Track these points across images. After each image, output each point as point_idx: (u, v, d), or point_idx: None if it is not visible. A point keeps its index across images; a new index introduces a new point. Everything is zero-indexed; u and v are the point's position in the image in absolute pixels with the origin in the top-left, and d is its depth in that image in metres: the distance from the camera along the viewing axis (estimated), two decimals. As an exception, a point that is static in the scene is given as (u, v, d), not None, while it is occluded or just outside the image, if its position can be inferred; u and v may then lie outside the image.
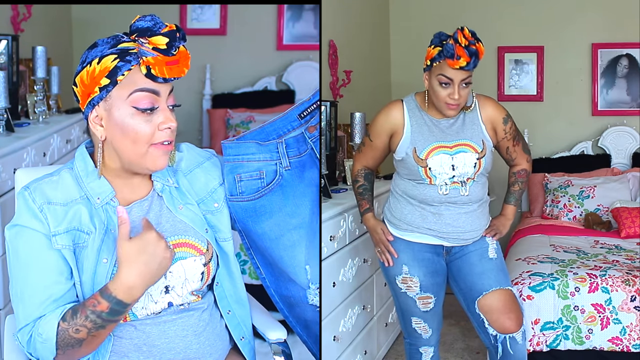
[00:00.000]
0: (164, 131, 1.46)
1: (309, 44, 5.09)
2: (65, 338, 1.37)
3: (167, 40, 1.41)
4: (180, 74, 1.44)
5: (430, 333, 2.39)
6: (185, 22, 5.22)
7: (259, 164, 1.63)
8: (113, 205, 1.50)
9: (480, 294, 2.31)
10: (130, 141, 1.45)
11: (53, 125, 3.42)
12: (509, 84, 4.95)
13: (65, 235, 1.45)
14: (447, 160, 2.21)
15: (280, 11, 5.18)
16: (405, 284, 2.30)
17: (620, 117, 4.75)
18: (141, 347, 1.49)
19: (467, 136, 2.24)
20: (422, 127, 2.25)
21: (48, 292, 1.42)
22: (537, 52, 4.87)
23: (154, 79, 1.42)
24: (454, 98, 2.15)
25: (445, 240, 2.30)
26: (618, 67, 4.78)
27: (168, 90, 1.47)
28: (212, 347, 1.58)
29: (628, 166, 4.64)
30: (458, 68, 2.11)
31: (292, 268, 1.61)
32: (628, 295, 2.84)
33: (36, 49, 3.43)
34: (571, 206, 4.34)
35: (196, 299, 1.56)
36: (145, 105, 1.43)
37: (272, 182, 1.63)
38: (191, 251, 1.54)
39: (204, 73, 5.18)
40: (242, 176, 1.62)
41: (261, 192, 1.62)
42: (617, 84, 4.80)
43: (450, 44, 2.10)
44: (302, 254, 1.60)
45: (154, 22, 1.42)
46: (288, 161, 1.63)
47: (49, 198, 1.46)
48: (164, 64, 1.41)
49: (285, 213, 1.62)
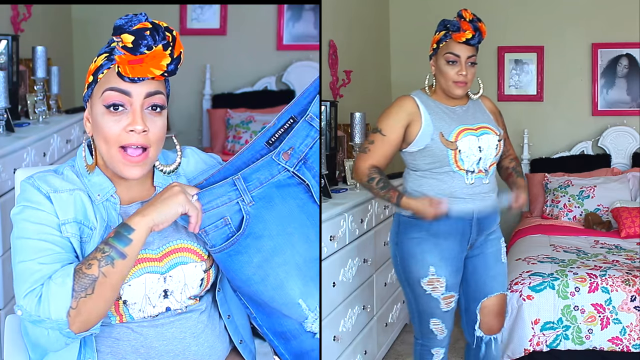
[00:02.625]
0: (129, 133, 1.41)
1: (309, 44, 5.09)
2: (80, 277, 1.33)
3: (133, 39, 1.38)
4: (146, 74, 1.40)
5: (445, 334, 2.37)
6: (185, 22, 5.23)
7: (220, 210, 1.49)
8: (113, 202, 1.49)
9: (486, 296, 2.37)
10: (103, 141, 1.43)
11: (53, 125, 3.42)
12: (509, 84, 4.95)
13: (74, 224, 1.44)
14: (474, 142, 2.24)
15: (280, 11, 5.18)
16: (431, 285, 2.27)
17: (620, 117, 4.75)
18: (139, 349, 1.48)
19: (484, 120, 2.32)
20: (440, 113, 2.27)
21: (60, 257, 1.39)
22: (537, 52, 4.87)
23: (122, 78, 1.40)
24: (462, 74, 2.22)
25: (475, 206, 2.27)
26: (618, 67, 4.78)
27: (144, 92, 1.42)
28: (211, 349, 1.57)
29: (628, 166, 4.64)
30: (464, 41, 2.21)
31: (286, 306, 1.50)
32: (628, 295, 2.84)
33: (36, 49, 3.43)
34: (571, 206, 4.34)
35: (194, 302, 1.55)
36: (109, 102, 1.41)
37: (239, 225, 1.49)
38: (192, 257, 1.53)
39: (204, 73, 5.18)
40: (207, 230, 1.49)
41: (232, 240, 1.49)
42: (617, 84, 4.79)
43: (455, 20, 2.24)
44: (294, 290, 1.49)
45: (126, 20, 1.40)
46: (250, 196, 1.50)
47: (55, 186, 1.45)
48: (126, 62, 1.39)
49: (265, 252, 1.49)
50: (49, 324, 1.33)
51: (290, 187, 1.52)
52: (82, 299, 1.33)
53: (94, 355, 1.46)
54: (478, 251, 2.36)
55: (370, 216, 2.95)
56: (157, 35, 1.39)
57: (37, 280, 1.36)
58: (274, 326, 1.54)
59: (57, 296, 1.33)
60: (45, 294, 1.33)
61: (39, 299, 1.34)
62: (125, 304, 1.46)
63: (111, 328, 1.48)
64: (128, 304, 1.46)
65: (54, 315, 1.32)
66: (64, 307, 1.32)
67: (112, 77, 1.42)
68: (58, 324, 1.33)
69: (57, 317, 1.32)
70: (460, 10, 2.23)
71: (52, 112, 3.74)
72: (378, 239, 3.07)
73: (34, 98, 3.45)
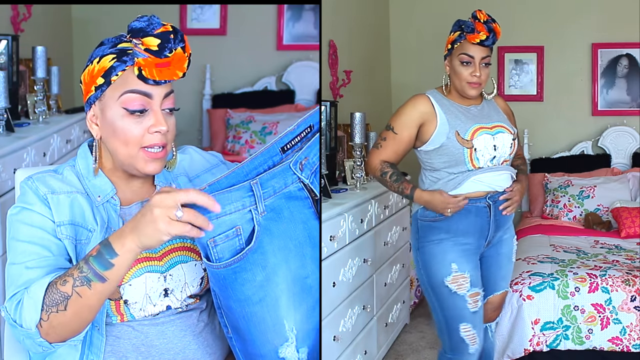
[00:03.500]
0: (154, 134, 1.43)
1: (309, 44, 5.09)
2: (52, 292, 1.31)
3: (159, 42, 1.39)
4: (172, 77, 1.42)
5: (477, 344, 2.31)
6: (185, 22, 5.23)
7: (232, 218, 1.35)
8: (114, 203, 1.49)
9: (493, 293, 2.43)
10: (121, 142, 1.44)
11: (53, 125, 3.42)
12: (509, 84, 4.95)
13: (70, 227, 1.44)
14: (489, 141, 2.25)
15: (280, 11, 5.18)
16: (456, 283, 2.25)
17: (620, 117, 4.76)
18: (139, 348, 1.49)
19: (499, 119, 2.34)
20: (456, 112, 2.28)
21: (47, 262, 1.39)
22: (537, 52, 4.87)
23: (145, 80, 1.41)
24: (476, 75, 2.25)
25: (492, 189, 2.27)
26: (618, 67, 4.78)
27: (163, 93, 1.44)
28: (212, 348, 1.57)
29: (628, 166, 4.64)
30: (478, 42, 2.23)
31: (273, 328, 1.40)
32: (628, 295, 2.84)
33: (36, 49, 3.43)
34: (571, 206, 4.34)
35: (194, 301, 1.55)
36: (135, 107, 1.41)
37: (251, 237, 1.36)
38: (192, 255, 1.53)
39: (204, 73, 5.18)
40: (215, 240, 1.33)
41: (241, 255, 1.35)
42: (617, 84, 4.80)
43: (470, 21, 2.24)
44: (282, 310, 1.41)
45: (148, 23, 1.40)
46: (264, 205, 1.38)
47: (52, 188, 1.46)
48: (154, 65, 1.39)
49: (268, 270, 1.38)
50: (22, 332, 1.34)
51: (298, 200, 1.45)
52: (53, 313, 1.31)
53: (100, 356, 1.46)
54: (493, 250, 2.38)
55: (370, 216, 2.95)
56: (177, 38, 1.41)
57: (22, 284, 1.37)
58: (248, 349, 1.43)
59: (28, 307, 1.32)
60: (22, 302, 1.34)
61: (16, 304, 1.35)
62: (126, 303, 1.46)
63: (112, 327, 1.48)
64: (129, 303, 1.46)
65: (24, 324, 1.33)
66: (33, 319, 1.32)
67: (130, 79, 1.41)
68: (28, 333, 1.33)
69: (27, 326, 1.33)
70: (475, 11, 2.24)
71: (52, 112, 3.74)
72: (378, 239, 3.07)
73: (34, 98, 3.45)
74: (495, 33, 2.25)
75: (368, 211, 2.92)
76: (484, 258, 2.38)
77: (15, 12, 3.89)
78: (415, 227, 2.35)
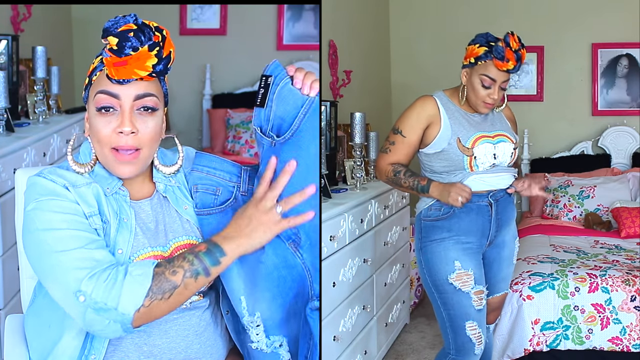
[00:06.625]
0: (119, 135, 1.42)
1: (309, 44, 5.10)
2: (161, 280, 1.32)
3: (117, 41, 1.39)
4: (130, 76, 1.40)
5: (482, 345, 2.31)
6: (186, 22, 5.23)
7: (217, 180, 1.57)
8: (123, 194, 1.50)
9: (493, 295, 2.44)
10: (96, 141, 1.45)
11: (53, 125, 3.42)
12: (509, 84, 4.94)
13: (98, 217, 1.43)
14: (490, 149, 2.26)
15: (280, 11, 5.19)
16: (460, 280, 2.24)
17: (620, 117, 4.76)
18: (142, 347, 1.49)
19: (502, 128, 2.34)
20: (460, 119, 2.28)
21: (101, 244, 1.38)
22: (537, 52, 4.87)
23: (110, 80, 1.42)
24: (493, 98, 2.24)
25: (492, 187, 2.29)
26: (618, 67, 4.78)
27: (133, 93, 1.42)
28: (213, 347, 1.58)
29: (628, 166, 4.64)
30: (505, 70, 2.20)
31: (232, 297, 1.52)
32: (628, 295, 2.84)
33: (36, 49, 3.43)
34: (571, 206, 4.34)
35: (198, 298, 1.56)
36: (100, 104, 1.43)
37: (225, 202, 1.56)
38: None
39: (204, 73, 5.19)
40: (198, 187, 1.57)
41: (211, 210, 1.55)
42: (617, 84, 4.80)
43: (501, 47, 2.19)
44: (237, 284, 1.50)
45: (113, 22, 1.41)
46: (247, 187, 1.58)
47: (70, 180, 1.45)
48: (112, 64, 1.40)
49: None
50: (113, 315, 1.30)
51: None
52: (156, 300, 1.32)
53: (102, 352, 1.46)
54: (495, 252, 2.38)
55: (370, 216, 2.95)
56: (142, 36, 1.40)
57: (95, 265, 1.33)
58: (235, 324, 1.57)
59: (132, 292, 1.30)
60: (119, 284, 1.30)
61: (110, 284, 1.30)
62: None
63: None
64: None
65: (121, 308, 1.30)
66: (134, 304, 1.30)
67: (102, 80, 1.44)
68: (123, 317, 1.30)
69: (124, 311, 1.30)
70: (507, 36, 2.19)
71: (52, 112, 3.74)
72: (378, 239, 3.07)
73: (34, 98, 3.45)
74: (521, 61, 2.21)
75: (368, 211, 2.92)
76: (485, 259, 2.38)
77: (15, 12, 3.89)
78: (418, 227, 2.35)
